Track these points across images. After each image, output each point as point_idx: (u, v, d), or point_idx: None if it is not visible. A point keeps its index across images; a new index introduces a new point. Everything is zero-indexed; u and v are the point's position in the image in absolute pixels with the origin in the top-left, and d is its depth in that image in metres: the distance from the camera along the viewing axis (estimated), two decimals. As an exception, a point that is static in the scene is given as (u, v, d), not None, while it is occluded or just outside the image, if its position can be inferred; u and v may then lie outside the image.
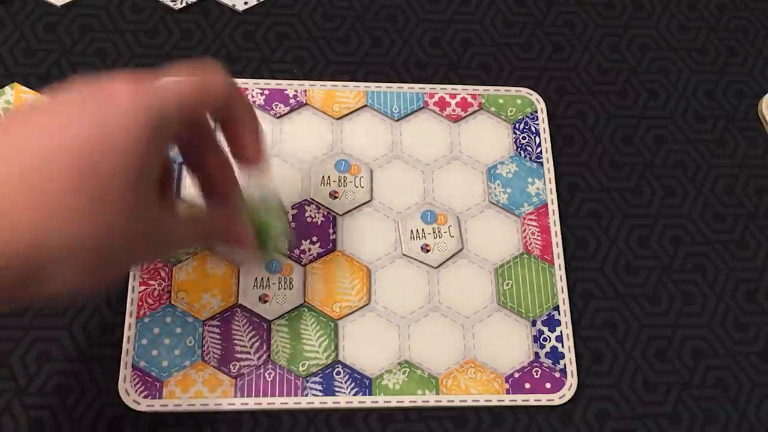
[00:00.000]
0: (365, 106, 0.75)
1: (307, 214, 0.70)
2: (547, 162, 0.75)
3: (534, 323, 0.69)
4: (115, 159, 0.44)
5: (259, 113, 0.72)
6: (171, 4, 0.78)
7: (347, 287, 0.69)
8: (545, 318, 0.69)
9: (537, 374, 0.67)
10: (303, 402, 0.64)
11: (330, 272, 0.69)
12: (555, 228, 0.72)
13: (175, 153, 0.56)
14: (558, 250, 0.72)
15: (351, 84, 0.76)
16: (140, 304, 0.66)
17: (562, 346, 0.68)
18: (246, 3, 0.79)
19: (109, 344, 0.66)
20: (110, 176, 0.44)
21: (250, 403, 0.64)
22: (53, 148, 0.43)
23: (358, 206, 0.71)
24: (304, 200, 0.71)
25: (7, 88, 0.72)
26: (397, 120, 0.75)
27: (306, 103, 0.74)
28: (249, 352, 0.65)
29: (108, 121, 0.45)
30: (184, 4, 0.78)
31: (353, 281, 0.69)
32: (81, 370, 0.65)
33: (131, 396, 0.63)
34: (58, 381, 0.65)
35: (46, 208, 0.42)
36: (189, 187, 0.70)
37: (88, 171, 0.43)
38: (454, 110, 0.76)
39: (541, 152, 0.75)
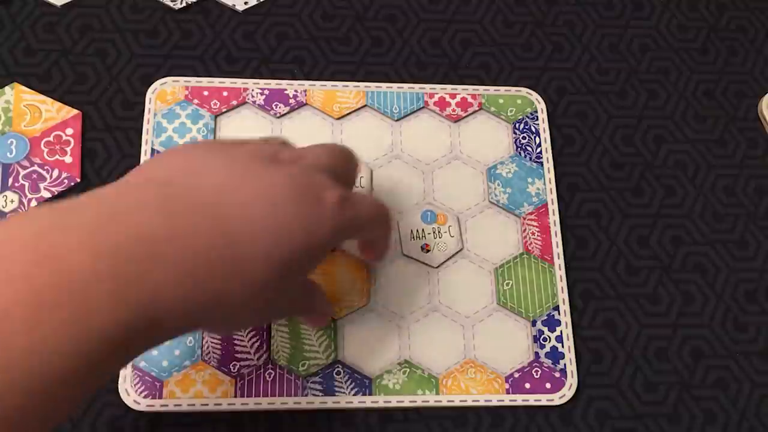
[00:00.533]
0: (365, 106, 0.75)
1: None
2: (547, 162, 0.75)
3: (534, 323, 0.69)
4: (308, 261, 0.53)
5: (259, 113, 0.73)
6: (171, 4, 0.78)
7: (348, 287, 0.69)
8: (545, 318, 0.69)
9: (537, 374, 0.67)
10: (303, 402, 0.64)
11: (330, 272, 0.69)
12: (555, 228, 0.72)
13: None
14: (558, 250, 0.72)
15: (351, 84, 0.76)
16: (140, 304, 0.66)
17: (562, 346, 0.68)
18: (246, 3, 0.79)
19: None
20: (299, 268, 0.52)
21: (250, 403, 0.64)
22: (277, 245, 0.50)
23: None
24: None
25: (7, 88, 0.72)
26: (397, 120, 0.75)
27: (306, 103, 0.74)
28: (249, 352, 0.65)
29: (316, 231, 0.52)
30: (184, 4, 0.78)
31: (353, 281, 0.69)
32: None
33: (131, 396, 0.63)
34: (58, 381, 0.64)
35: (258, 281, 0.49)
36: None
37: (291, 265, 0.50)
38: (454, 110, 0.76)
39: (541, 152, 0.75)
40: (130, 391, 0.63)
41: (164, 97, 0.73)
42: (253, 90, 0.74)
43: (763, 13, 0.85)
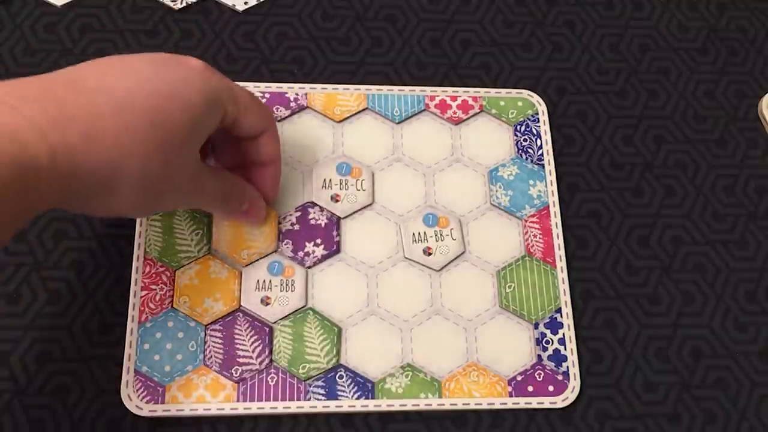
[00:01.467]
0: (366, 108, 0.75)
1: (310, 216, 0.70)
2: (549, 164, 0.75)
3: (536, 326, 0.69)
4: (183, 112, 0.55)
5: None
6: (171, 4, 0.78)
7: (255, 232, 0.69)
8: (547, 321, 0.69)
9: (540, 377, 0.67)
10: (306, 406, 0.64)
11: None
12: (557, 230, 0.72)
13: None
14: (560, 253, 0.72)
15: (352, 87, 0.76)
16: (142, 308, 0.66)
17: (565, 349, 0.68)
18: (246, 3, 0.79)
19: (109, 344, 0.66)
20: (177, 124, 0.54)
21: (253, 407, 0.64)
22: (140, 90, 0.53)
23: (360, 209, 0.71)
24: (308, 202, 0.71)
25: (6, 89, 0.72)
26: (398, 123, 0.75)
27: (307, 107, 0.74)
28: (251, 356, 0.65)
29: (184, 80, 0.56)
30: (184, 4, 0.78)
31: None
32: (81, 370, 0.65)
33: (134, 401, 0.63)
34: (58, 381, 0.65)
35: (127, 136, 0.52)
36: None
37: (162, 116, 0.54)
38: (455, 113, 0.76)
39: (542, 154, 0.75)
40: (132, 396, 0.63)
41: (164, 100, 0.73)
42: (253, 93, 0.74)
43: (763, 13, 0.85)
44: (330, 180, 0.72)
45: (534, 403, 0.67)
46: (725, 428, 0.68)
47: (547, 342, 0.69)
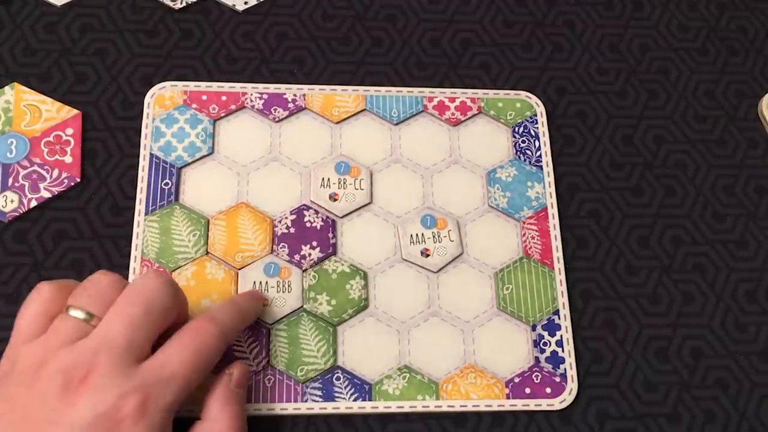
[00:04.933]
0: (364, 110, 0.75)
1: (306, 219, 0.70)
2: (547, 166, 0.75)
3: (534, 328, 0.69)
4: None
5: (257, 118, 0.73)
6: (171, 4, 0.78)
7: (250, 239, 0.69)
8: (545, 322, 0.69)
9: (537, 379, 0.67)
10: (303, 408, 0.64)
11: (232, 223, 0.70)
12: (555, 232, 0.72)
13: (174, 158, 0.57)
14: (558, 254, 0.72)
15: (350, 88, 0.76)
16: (140, 310, 0.66)
17: (563, 351, 0.69)
18: (246, 3, 0.79)
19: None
20: None
21: (250, 409, 0.64)
22: None
23: (358, 209, 0.71)
24: (303, 205, 0.71)
25: (7, 88, 0.72)
26: (396, 124, 0.75)
27: (305, 108, 0.74)
28: (248, 358, 0.65)
29: None
30: (184, 4, 0.78)
31: (255, 232, 0.69)
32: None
33: (131, 403, 0.63)
34: (59, 384, 0.65)
35: None
36: (188, 193, 0.70)
37: None
38: (453, 114, 0.76)
39: (540, 156, 0.75)
40: (130, 397, 0.63)
41: (162, 101, 0.73)
42: (251, 94, 0.74)
43: (763, 13, 0.85)
44: (328, 179, 0.72)
45: (532, 405, 0.67)
46: (725, 428, 0.68)
47: (545, 344, 0.69)
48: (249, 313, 0.64)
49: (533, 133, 0.76)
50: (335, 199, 0.71)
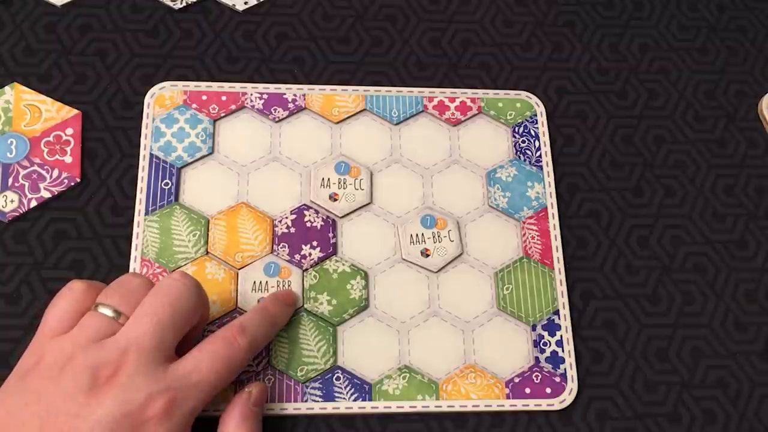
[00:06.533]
0: (364, 110, 0.75)
1: (306, 219, 0.70)
2: (547, 166, 0.75)
3: (534, 328, 0.69)
4: None
5: (257, 118, 0.73)
6: (171, 4, 0.78)
7: (251, 238, 0.69)
8: (545, 322, 0.69)
9: (537, 379, 0.67)
10: (303, 408, 0.64)
11: (233, 223, 0.70)
12: (555, 232, 0.72)
13: (174, 158, 0.57)
14: (558, 254, 0.72)
15: (350, 88, 0.76)
16: (140, 310, 0.66)
17: (563, 351, 0.68)
18: (246, 3, 0.79)
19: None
20: None
21: (250, 409, 0.64)
22: None
23: (358, 209, 0.71)
24: (303, 204, 0.71)
25: (7, 88, 0.72)
26: (396, 124, 0.75)
27: (305, 108, 0.74)
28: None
29: None
30: (184, 4, 0.78)
31: (256, 232, 0.69)
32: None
33: (132, 402, 0.63)
34: (59, 384, 0.65)
35: None
36: (188, 193, 0.70)
37: None
38: (453, 114, 0.76)
39: (540, 156, 0.75)
40: (130, 397, 0.63)
41: (162, 101, 0.73)
42: (251, 94, 0.74)
43: (763, 13, 0.85)
44: (328, 179, 0.72)
45: (531, 405, 0.66)
46: (725, 428, 0.68)
47: (545, 344, 0.68)
48: (278, 324, 0.65)
49: (533, 133, 0.76)
50: (335, 199, 0.71)
